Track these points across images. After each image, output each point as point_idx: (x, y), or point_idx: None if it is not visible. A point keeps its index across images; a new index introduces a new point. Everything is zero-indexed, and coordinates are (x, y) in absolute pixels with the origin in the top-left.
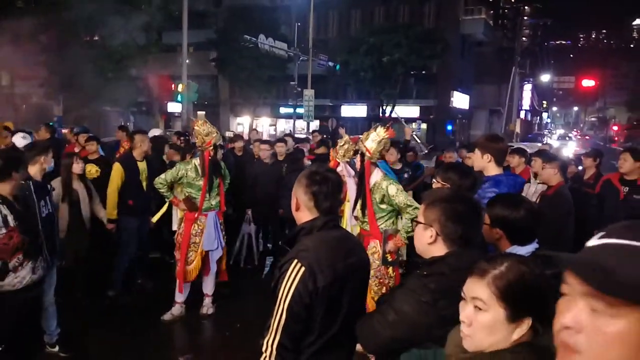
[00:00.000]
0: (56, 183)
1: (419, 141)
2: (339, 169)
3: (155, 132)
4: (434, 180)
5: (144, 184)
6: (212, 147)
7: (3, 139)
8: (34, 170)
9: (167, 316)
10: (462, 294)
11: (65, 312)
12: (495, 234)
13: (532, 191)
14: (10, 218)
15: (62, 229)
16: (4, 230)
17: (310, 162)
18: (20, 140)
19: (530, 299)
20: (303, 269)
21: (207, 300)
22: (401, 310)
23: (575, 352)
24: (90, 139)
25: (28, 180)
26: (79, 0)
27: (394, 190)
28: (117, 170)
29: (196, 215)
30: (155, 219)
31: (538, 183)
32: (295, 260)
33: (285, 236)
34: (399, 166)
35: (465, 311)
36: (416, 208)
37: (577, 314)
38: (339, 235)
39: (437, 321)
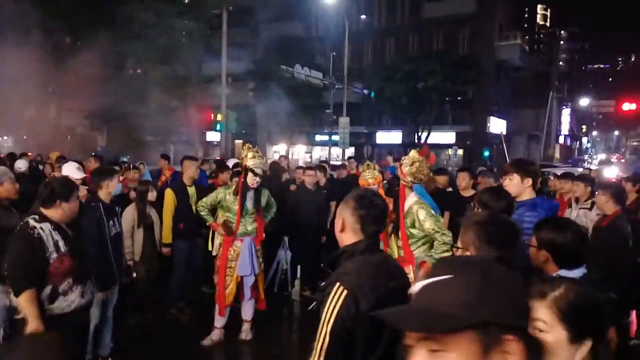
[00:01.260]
0: (129, 210)
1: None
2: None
3: (232, 161)
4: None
5: (194, 207)
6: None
7: (57, 169)
8: (103, 193)
9: (206, 341)
10: None
11: (119, 327)
12: (542, 256)
13: (573, 215)
14: (61, 243)
15: (138, 252)
16: (55, 255)
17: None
18: (74, 170)
19: (591, 320)
20: (346, 292)
21: (246, 326)
22: None
23: None
24: (133, 167)
25: (98, 202)
26: (122, 35)
27: (423, 215)
28: (169, 196)
29: (232, 240)
30: (210, 247)
31: (580, 208)
32: (338, 284)
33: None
34: (470, 193)
35: None
36: (444, 234)
37: None
38: (380, 259)
39: None
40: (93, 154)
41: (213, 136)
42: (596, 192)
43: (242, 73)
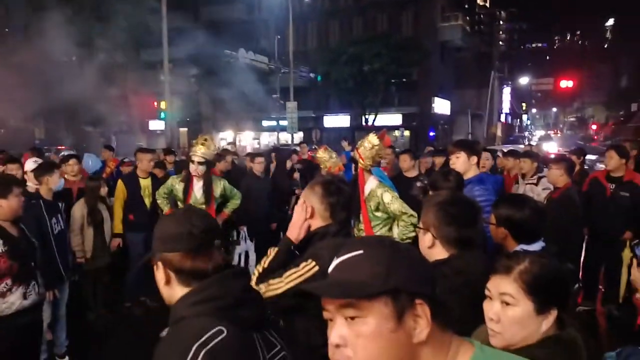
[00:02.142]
0: (78, 206)
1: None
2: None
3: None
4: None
5: (147, 200)
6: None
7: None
8: (43, 190)
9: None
10: (487, 292)
11: (74, 324)
12: (501, 233)
13: (520, 191)
14: None
15: (88, 250)
16: None
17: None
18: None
19: (555, 290)
20: (317, 268)
21: None
22: None
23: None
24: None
25: (38, 199)
26: (56, 21)
27: (389, 197)
28: (119, 187)
29: None
30: None
31: (526, 184)
32: (310, 259)
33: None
34: (413, 174)
35: (493, 308)
36: (411, 215)
37: (339, 329)
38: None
39: None
40: (33, 147)
41: (156, 125)
42: (549, 166)
43: (184, 58)
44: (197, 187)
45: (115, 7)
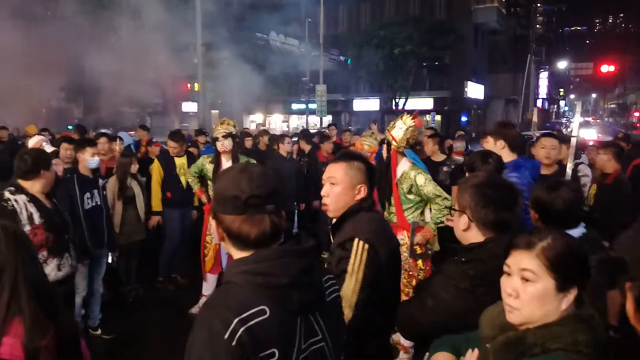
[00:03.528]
0: (111, 181)
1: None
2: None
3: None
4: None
5: (182, 178)
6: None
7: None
8: (80, 166)
9: (194, 309)
10: (506, 268)
11: (107, 298)
12: (533, 217)
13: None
14: (36, 216)
15: (117, 224)
16: (28, 227)
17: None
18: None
19: (577, 269)
20: (367, 245)
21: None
22: (439, 297)
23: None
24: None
25: (73, 174)
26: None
27: (422, 180)
28: (156, 167)
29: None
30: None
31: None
32: (357, 239)
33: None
34: (440, 158)
35: (512, 283)
36: (445, 198)
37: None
38: (379, 216)
39: (475, 308)
40: (77, 125)
41: (189, 107)
42: (597, 152)
43: (216, 41)
44: (226, 165)
45: None
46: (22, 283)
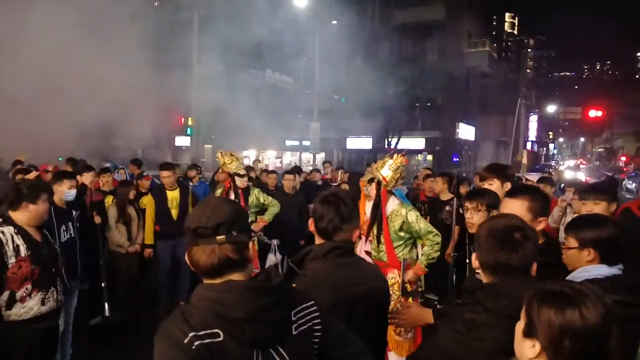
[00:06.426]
0: (111, 207)
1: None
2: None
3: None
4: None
5: (174, 211)
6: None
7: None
8: (55, 197)
9: None
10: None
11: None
12: (587, 255)
13: (569, 219)
14: (22, 248)
15: (116, 242)
16: (13, 260)
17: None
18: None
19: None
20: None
21: None
22: (438, 335)
23: None
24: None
25: (50, 205)
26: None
27: (414, 217)
28: (149, 202)
29: None
30: None
31: (574, 214)
32: (293, 285)
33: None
34: (447, 197)
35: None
36: (436, 234)
37: None
38: (349, 262)
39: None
40: (70, 158)
41: (182, 141)
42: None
43: (211, 77)
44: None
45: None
46: None
